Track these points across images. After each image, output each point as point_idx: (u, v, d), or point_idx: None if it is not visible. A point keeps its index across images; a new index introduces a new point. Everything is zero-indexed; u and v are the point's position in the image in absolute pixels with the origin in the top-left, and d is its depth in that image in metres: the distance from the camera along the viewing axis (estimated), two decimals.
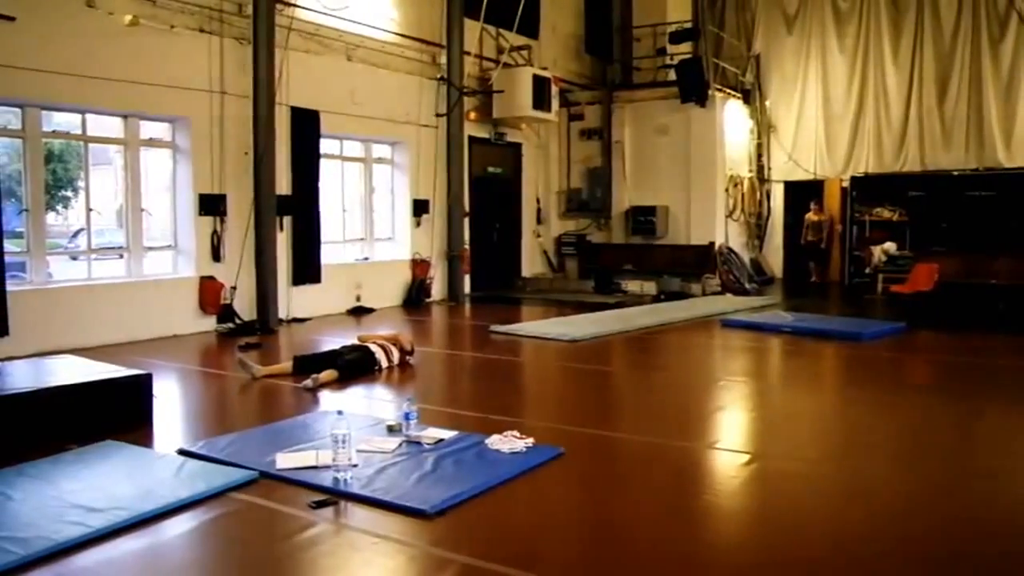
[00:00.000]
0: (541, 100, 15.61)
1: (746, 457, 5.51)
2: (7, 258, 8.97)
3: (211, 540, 4.28)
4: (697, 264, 16.57)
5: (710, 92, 16.47)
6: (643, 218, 17.22)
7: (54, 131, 10.34)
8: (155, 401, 6.54)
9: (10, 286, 8.97)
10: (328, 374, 7.72)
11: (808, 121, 18.62)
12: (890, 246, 15.92)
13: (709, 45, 17.25)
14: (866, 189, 17.31)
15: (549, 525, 4.40)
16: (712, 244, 16.76)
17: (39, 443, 5.42)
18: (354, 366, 8.04)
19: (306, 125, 12.15)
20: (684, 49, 17.02)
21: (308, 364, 7.99)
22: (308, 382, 7.49)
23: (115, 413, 6.12)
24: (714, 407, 7.29)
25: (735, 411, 7.18)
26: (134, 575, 3.87)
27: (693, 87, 16.26)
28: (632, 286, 16.28)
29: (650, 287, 16.09)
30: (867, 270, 16.42)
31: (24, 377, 6.32)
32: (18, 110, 9.40)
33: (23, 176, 9.66)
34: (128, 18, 9.90)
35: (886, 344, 10.33)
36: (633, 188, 17.65)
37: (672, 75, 16.90)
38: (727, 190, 17.64)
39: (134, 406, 6.31)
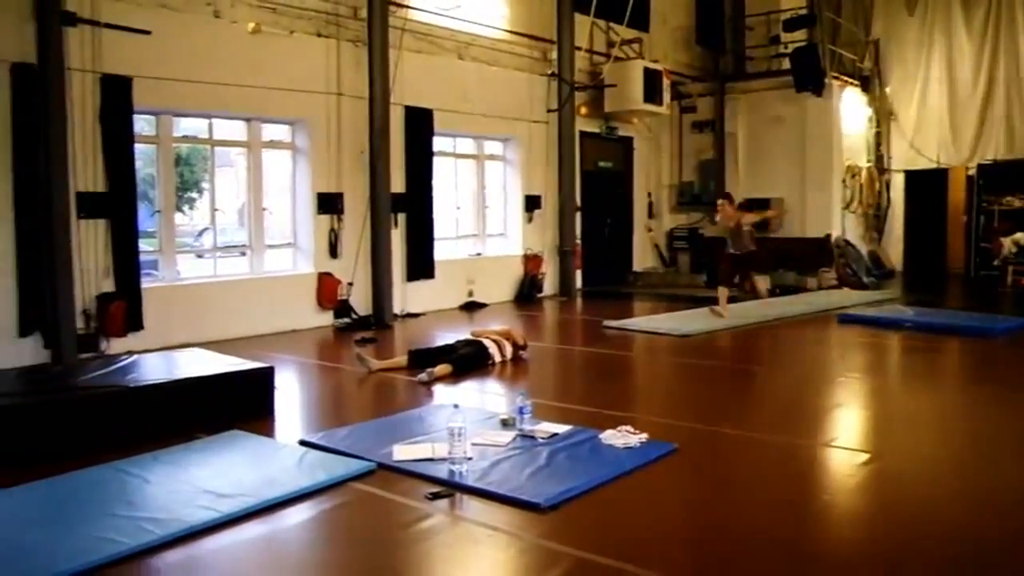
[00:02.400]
0: (652, 93, 15.48)
1: (865, 456, 5.35)
2: (141, 257, 9.47)
3: (331, 528, 4.42)
4: (812, 257, 16.12)
5: (826, 80, 16.02)
6: (757, 210, 16.84)
7: (184, 136, 10.82)
8: (276, 393, 6.78)
9: (144, 283, 9.45)
10: (442, 368, 7.86)
11: (931, 107, 17.90)
12: (1021, 236, 15.20)
13: (825, 31, 16.73)
14: (994, 177, 16.55)
15: (662, 521, 4.39)
16: (828, 236, 16.32)
17: (170, 431, 5.71)
18: (468, 360, 8.16)
19: (419, 123, 12.37)
20: (799, 36, 16.56)
21: (423, 358, 8.15)
22: (423, 376, 7.64)
23: (240, 404, 6.38)
24: (831, 404, 7.12)
25: (853, 409, 7.00)
26: (258, 559, 4.04)
27: (808, 76, 15.84)
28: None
29: (764, 281, 15.74)
30: (995, 262, 15.72)
31: (157, 369, 6.64)
32: (152, 117, 9.89)
33: (156, 179, 10.16)
34: (251, 26, 10.27)
35: (1015, 341, 9.88)
36: (746, 180, 17.32)
37: (786, 64, 16.50)
38: (844, 181, 17.14)
39: (258, 398, 6.56)
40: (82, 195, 8.83)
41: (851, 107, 17.43)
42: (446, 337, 9.38)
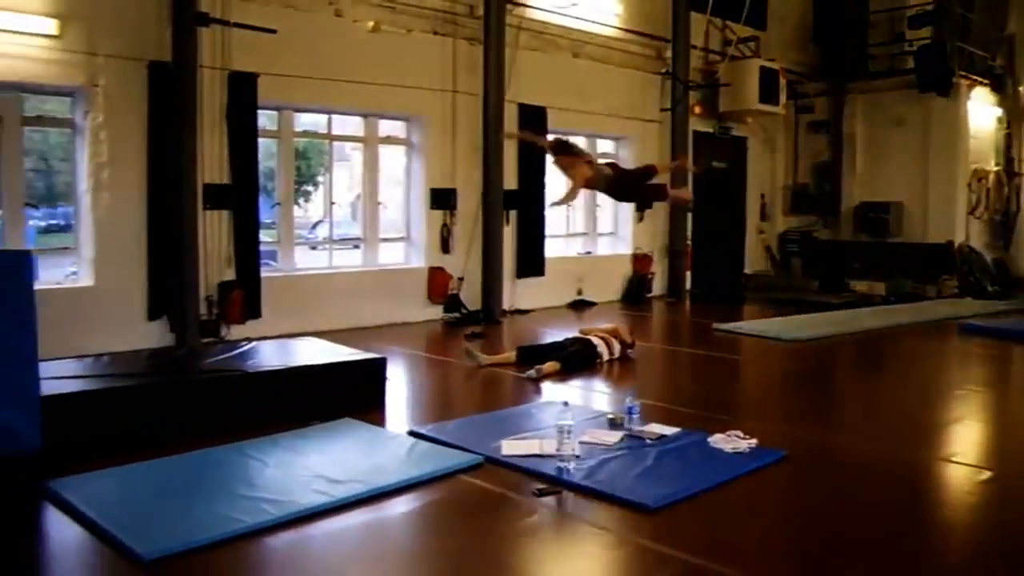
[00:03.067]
0: (768, 93, 15.15)
1: (987, 474, 5.14)
2: (261, 247, 9.80)
3: (438, 518, 4.50)
4: (933, 264, 15.54)
5: (954, 80, 15.40)
6: (874, 215, 16.37)
7: (304, 131, 11.13)
8: (387, 384, 6.92)
9: (263, 273, 9.78)
10: (551, 365, 7.89)
11: None
12: None
13: (954, 28, 16.07)
14: None
15: (771, 529, 4.32)
16: (951, 243, 15.70)
17: (286, 417, 5.90)
18: (576, 358, 8.18)
19: (533, 121, 12.41)
20: (925, 34, 15.96)
21: (531, 355, 8.21)
22: (532, 372, 7.69)
23: (352, 393, 6.54)
24: (950, 418, 6.86)
25: (975, 423, 6.73)
26: (366, 545, 4.14)
27: (934, 75, 15.24)
28: (860, 286, 15.53)
29: (880, 288, 15.29)
30: None
31: (274, 356, 6.87)
32: (274, 113, 10.22)
33: (276, 173, 10.50)
34: (371, 24, 10.49)
35: None
36: (864, 183, 16.83)
37: (910, 63, 15.93)
38: (970, 185, 16.45)
39: (370, 388, 6.71)
40: (208, 187, 9.19)
41: (979, 108, 16.71)
42: (554, 335, 9.41)
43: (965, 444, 6.15)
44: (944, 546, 4.20)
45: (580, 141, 13.78)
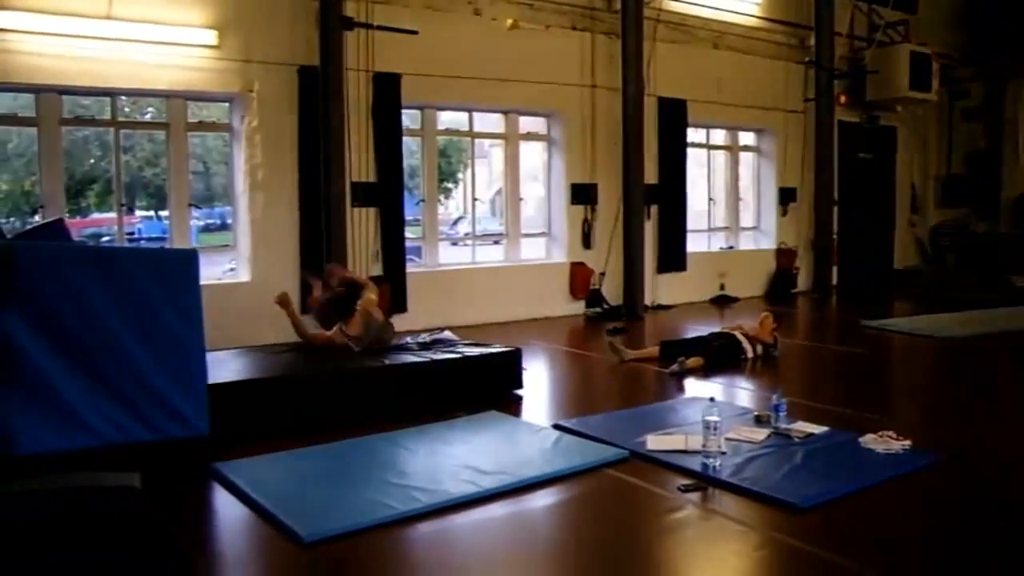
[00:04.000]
0: (919, 79, 14.51)
1: None
2: (406, 243, 10.07)
3: (584, 511, 4.52)
4: None
5: None
6: None
7: (446, 128, 11.36)
8: (525, 376, 7.03)
9: (408, 268, 10.05)
10: (695, 360, 7.82)
11: None
12: None
13: None
14: None
15: (923, 534, 4.14)
16: None
17: (432, 409, 6.07)
18: (721, 353, 8.08)
19: (673, 115, 12.31)
20: None
21: (675, 350, 8.14)
22: (675, 366, 7.64)
23: (492, 385, 6.73)
24: None
25: None
26: (511, 535, 4.21)
27: None
28: (1021, 282, 14.70)
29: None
30: None
31: (422, 350, 7.04)
32: (417, 112, 10.48)
33: (419, 170, 10.76)
34: (509, 21, 10.61)
35: None
36: None
37: None
38: None
39: (507, 380, 6.88)
40: (356, 184, 9.51)
41: None
42: (696, 330, 9.32)
43: None
44: None
45: (720, 134, 13.64)
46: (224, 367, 6.06)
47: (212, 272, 9.42)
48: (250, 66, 8.94)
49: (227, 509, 4.45)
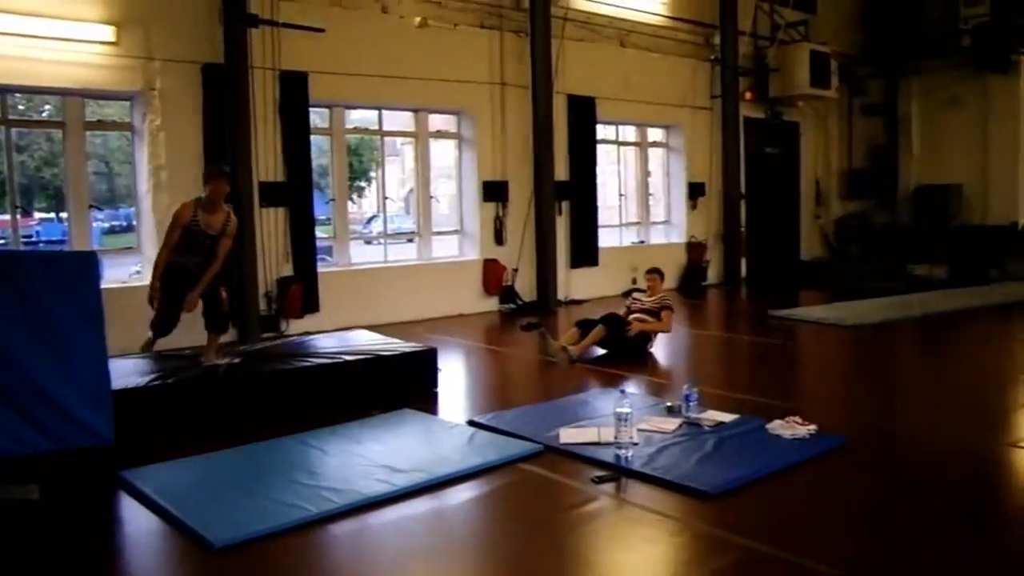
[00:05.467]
0: (819, 77, 14.97)
1: None
2: (317, 243, 9.94)
3: (499, 506, 4.54)
4: (995, 246, 15.20)
5: (1013, 57, 15.03)
6: (933, 197, 16.05)
7: (355, 127, 11.25)
8: (440, 374, 7.02)
9: (319, 268, 9.92)
10: (598, 331, 8.08)
11: None
12: None
13: (1012, 4, 15.66)
14: None
15: (830, 516, 4.26)
16: (1014, 224, 15.33)
17: (345, 408, 6.01)
18: (611, 323, 8.23)
19: (582, 112, 12.41)
20: (981, 11, 15.58)
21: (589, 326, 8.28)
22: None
23: (406, 384, 6.69)
24: (1017, 402, 6.73)
25: None
26: (428, 532, 4.19)
27: (992, 53, 14.92)
28: (920, 270, 15.27)
29: (940, 271, 15.00)
30: None
31: (331, 349, 6.98)
32: (326, 110, 10.35)
33: (328, 169, 10.63)
34: (417, 20, 10.56)
35: None
36: (921, 166, 16.53)
37: (966, 41, 15.58)
38: None
39: (422, 378, 6.86)
40: (264, 185, 9.35)
41: None
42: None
43: None
44: (1011, 529, 4.12)
45: (630, 130, 13.81)
46: (131, 373, 5.90)
47: (117, 275, 9.18)
48: (151, 64, 8.70)
49: (135, 519, 4.33)
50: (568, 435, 5.30)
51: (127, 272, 9.32)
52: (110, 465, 4.75)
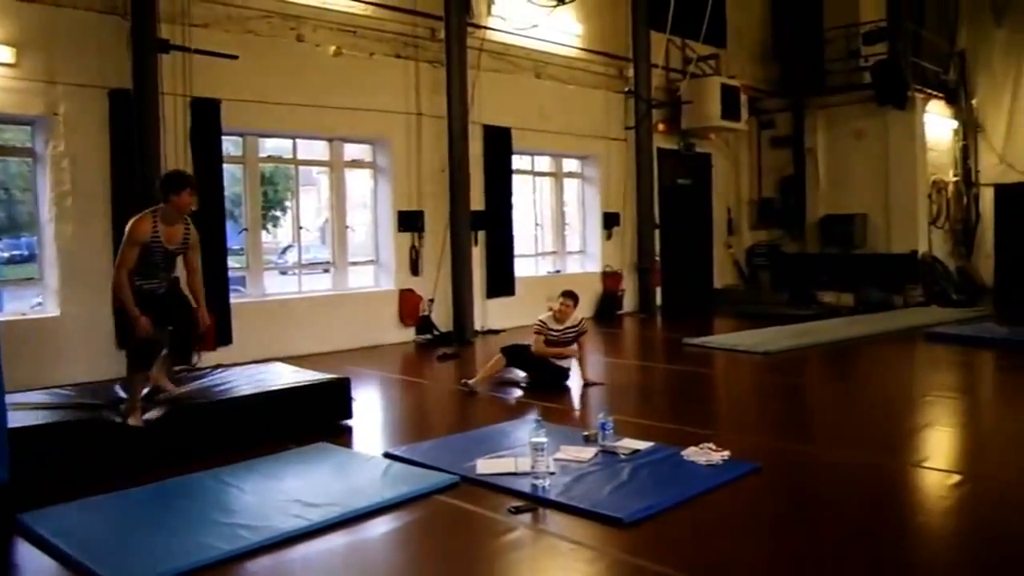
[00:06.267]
0: (730, 109, 15.37)
1: (957, 478, 5.19)
2: (229, 273, 9.75)
3: (415, 539, 4.49)
4: (898, 274, 15.76)
5: (909, 93, 15.69)
6: (839, 227, 16.55)
7: (269, 156, 11.10)
8: (356, 405, 6.92)
9: (232, 299, 9.73)
10: (496, 360, 8.17)
11: (1022, 120, 17.38)
12: None
13: (907, 44, 16.40)
14: None
15: (745, 540, 4.32)
16: (915, 253, 15.93)
17: (260, 443, 5.87)
18: (517, 355, 8.33)
19: (498, 142, 12.50)
20: (879, 49, 16.26)
21: (516, 353, 8.37)
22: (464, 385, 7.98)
23: (321, 416, 6.59)
24: (920, 423, 6.95)
25: (944, 428, 6.80)
26: (345, 567, 4.11)
27: (890, 89, 15.54)
28: (828, 297, 15.73)
29: (847, 299, 15.48)
30: None
31: (244, 382, 6.82)
32: (238, 138, 10.20)
33: (243, 198, 10.46)
34: (332, 48, 10.51)
35: None
36: (828, 196, 17.03)
37: (867, 77, 16.22)
38: (930, 196, 16.72)
39: (336, 410, 6.75)
40: None
41: (936, 120, 17.03)
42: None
43: (935, 449, 6.23)
44: (920, 549, 4.23)
45: (546, 160, 13.93)
46: (29, 409, 5.67)
47: (17, 307, 8.86)
48: (53, 87, 8.43)
49: (34, 565, 4.12)
50: (485, 466, 5.27)
51: (28, 304, 8.99)
52: (6, 507, 4.53)
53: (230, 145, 10.17)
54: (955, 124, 17.80)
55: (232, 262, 10.14)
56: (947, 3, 18.19)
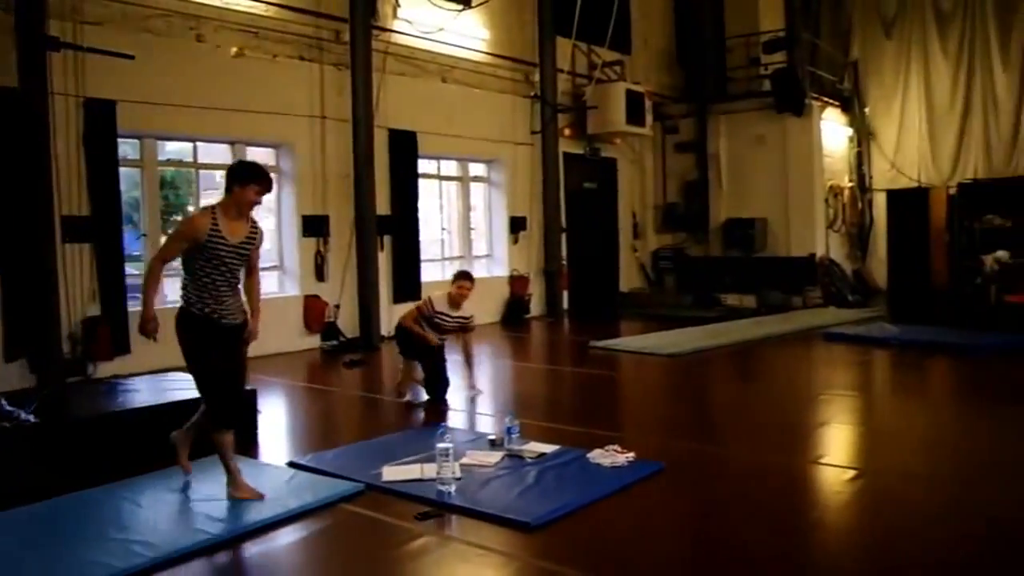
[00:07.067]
0: (635, 115, 15.61)
1: (852, 473, 5.39)
2: (127, 280, 9.45)
3: (321, 549, 4.43)
4: (797, 277, 16.24)
5: (806, 101, 16.18)
6: (741, 231, 16.95)
7: (168, 160, 10.81)
8: (261, 415, 6.79)
9: (130, 307, 9.42)
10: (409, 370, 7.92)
11: (911, 128, 18.13)
12: (1002, 254, 15.29)
13: (804, 53, 16.94)
14: (974, 196, 16.61)
15: (651, 539, 4.39)
16: (813, 256, 16.43)
17: (160, 455, 5.68)
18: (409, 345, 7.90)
19: (404, 146, 12.42)
20: (778, 58, 16.77)
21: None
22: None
23: None
24: (818, 422, 7.16)
25: (840, 426, 7.03)
26: None
27: (789, 97, 16.02)
28: (731, 300, 16.09)
29: (750, 301, 15.86)
30: (978, 280, 15.83)
31: (144, 393, 6.67)
32: (136, 141, 9.89)
33: (140, 203, 10.15)
34: (234, 50, 10.30)
35: (1001, 357, 9.93)
36: (730, 201, 17.42)
37: (767, 85, 16.70)
38: (827, 200, 17.28)
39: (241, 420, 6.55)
40: (67, 219, 8.79)
41: (832, 128, 17.62)
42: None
43: (832, 446, 6.44)
44: (817, 542, 4.36)
45: (452, 165, 13.90)
46: None
47: None
48: None
49: None
50: (390, 473, 5.23)
51: None
52: None
53: (128, 148, 9.85)
54: (850, 131, 18.45)
55: (131, 268, 9.83)
56: (840, 15, 18.89)
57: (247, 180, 4.92)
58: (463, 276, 7.87)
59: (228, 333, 4.98)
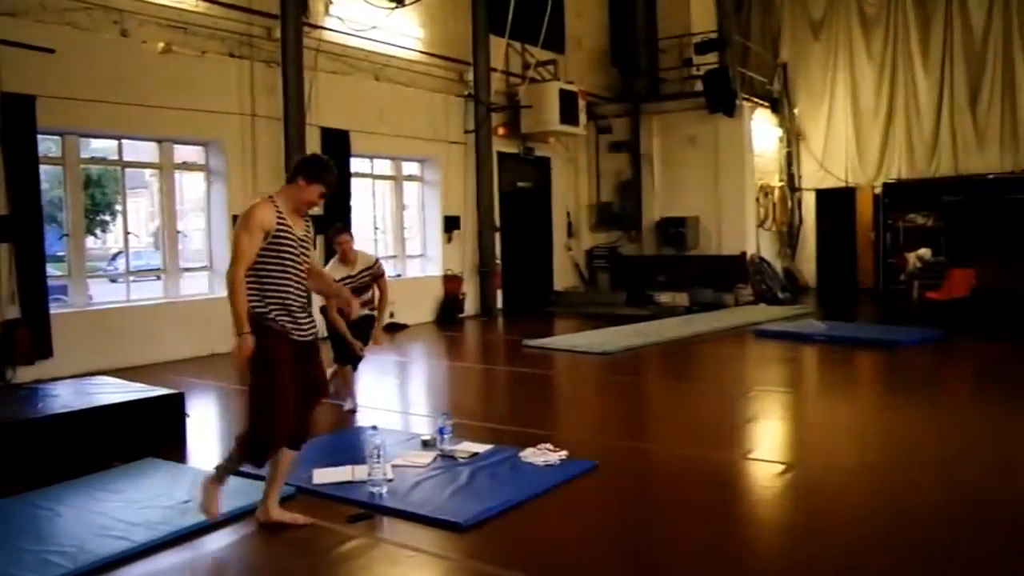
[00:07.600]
0: (568, 114, 15.68)
1: (781, 467, 5.48)
2: (49, 282, 9.20)
3: (250, 554, 4.35)
4: (729, 274, 16.48)
5: (737, 102, 16.43)
6: (673, 229, 17.13)
7: (92, 157, 10.54)
8: (189, 419, 6.66)
9: (52, 309, 9.18)
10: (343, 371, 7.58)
11: (838, 128, 18.57)
12: (924, 252, 15.70)
13: (735, 55, 17.24)
14: (898, 195, 17.07)
15: (584, 537, 4.42)
16: (744, 254, 16.70)
17: (82, 461, 5.54)
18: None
19: (336, 145, 12.27)
20: (710, 59, 17.03)
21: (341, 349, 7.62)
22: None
23: (151, 432, 6.25)
24: (748, 417, 7.26)
25: (769, 421, 7.15)
26: None
27: (720, 97, 16.24)
28: (664, 298, 16.25)
29: (682, 298, 16.04)
30: (901, 277, 16.24)
31: (65, 398, 6.45)
32: (58, 138, 9.63)
33: (63, 202, 9.89)
34: (161, 45, 10.09)
35: (922, 351, 10.22)
36: (663, 199, 17.61)
37: (699, 86, 16.91)
38: (758, 199, 17.59)
39: (169, 424, 6.45)
40: None
41: (762, 128, 17.92)
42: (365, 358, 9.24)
43: (761, 441, 6.54)
44: (747, 535, 4.42)
45: (385, 163, 13.80)
46: None
47: None
48: None
49: None
50: (321, 475, 5.17)
51: None
52: None
53: (51, 144, 9.59)
54: (780, 132, 18.81)
55: (53, 270, 9.58)
56: (770, 18, 19.23)
57: (315, 177, 4.46)
58: (337, 231, 7.29)
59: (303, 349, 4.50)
